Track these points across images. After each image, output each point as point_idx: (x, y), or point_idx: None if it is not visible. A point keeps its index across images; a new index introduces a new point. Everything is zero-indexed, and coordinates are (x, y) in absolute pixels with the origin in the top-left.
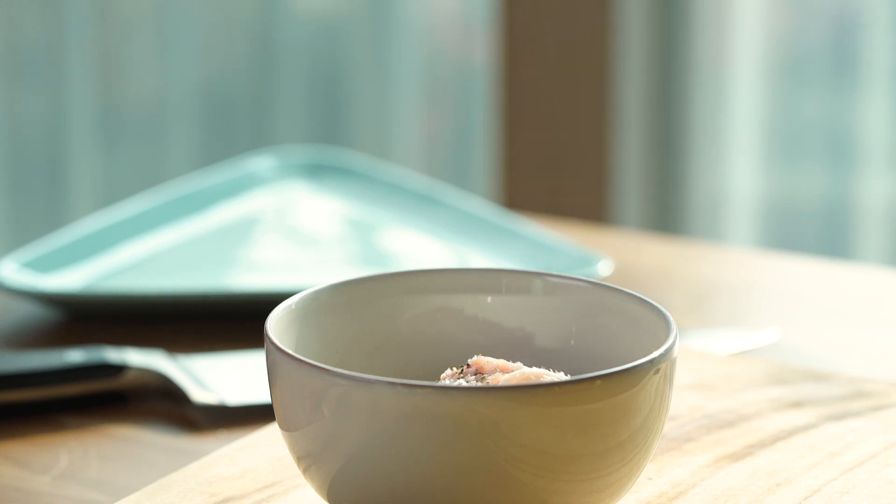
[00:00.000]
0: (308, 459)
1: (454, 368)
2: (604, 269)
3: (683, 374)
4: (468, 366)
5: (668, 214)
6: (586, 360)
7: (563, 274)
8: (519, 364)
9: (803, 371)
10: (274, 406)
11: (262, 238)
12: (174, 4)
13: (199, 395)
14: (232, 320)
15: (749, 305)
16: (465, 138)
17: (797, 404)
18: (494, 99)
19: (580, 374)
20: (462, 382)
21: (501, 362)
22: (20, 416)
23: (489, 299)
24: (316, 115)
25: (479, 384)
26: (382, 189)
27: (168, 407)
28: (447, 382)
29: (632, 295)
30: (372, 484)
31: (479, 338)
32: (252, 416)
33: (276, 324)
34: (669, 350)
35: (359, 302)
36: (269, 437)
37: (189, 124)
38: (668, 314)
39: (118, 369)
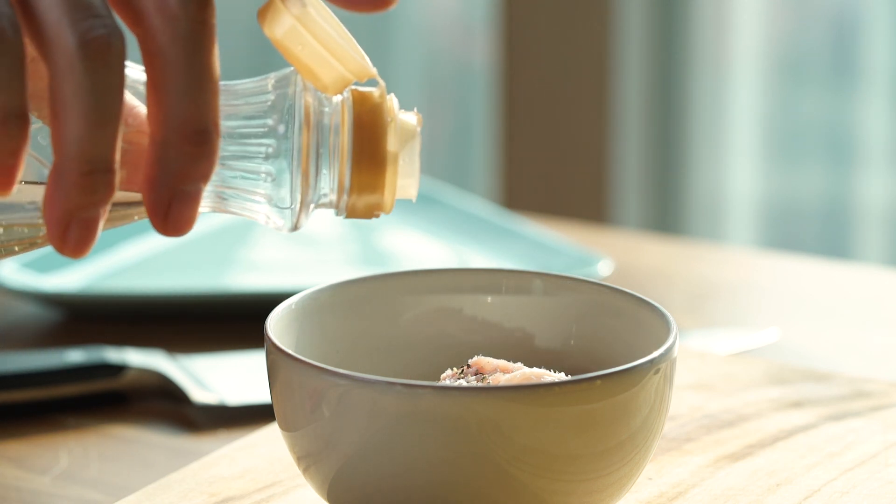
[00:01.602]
0: (308, 459)
1: (454, 368)
2: (604, 269)
3: (683, 374)
4: (468, 366)
5: (668, 214)
6: (586, 361)
7: (563, 274)
8: (519, 364)
9: (803, 371)
10: (274, 406)
11: (262, 238)
12: None
13: (199, 395)
14: (232, 320)
15: (749, 305)
16: (465, 138)
17: (797, 404)
18: (494, 99)
19: (580, 374)
20: (462, 382)
21: (502, 363)
22: (20, 416)
23: (489, 299)
24: None
25: (480, 384)
26: None
27: (168, 407)
28: (447, 382)
29: (632, 295)
30: (372, 484)
31: (479, 338)
32: (252, 416)
33: (276, 324)
34: (669, 350)
35: (359, 302)
36: (269, 437)
37: None
38: (668, 314)
39: (118, 369)
